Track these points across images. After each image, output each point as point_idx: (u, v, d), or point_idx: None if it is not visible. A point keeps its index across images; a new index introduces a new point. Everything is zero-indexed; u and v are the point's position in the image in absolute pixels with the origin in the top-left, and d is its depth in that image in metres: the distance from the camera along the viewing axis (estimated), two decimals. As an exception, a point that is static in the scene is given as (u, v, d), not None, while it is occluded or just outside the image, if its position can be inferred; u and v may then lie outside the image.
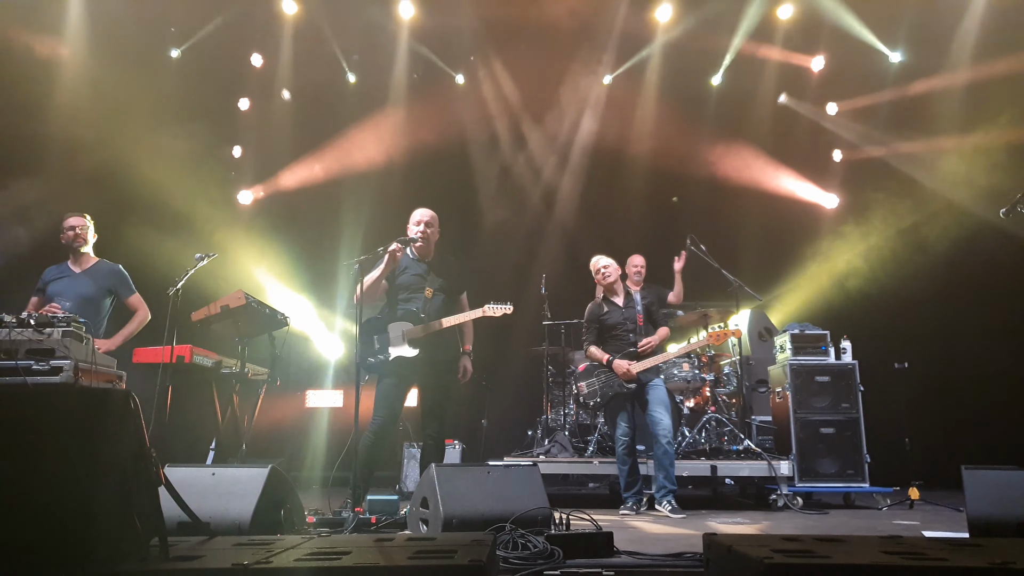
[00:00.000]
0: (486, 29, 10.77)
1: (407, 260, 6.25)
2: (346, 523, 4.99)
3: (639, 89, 11.41)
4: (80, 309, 6.35)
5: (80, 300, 6.49)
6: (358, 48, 11.22)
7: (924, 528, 5.79)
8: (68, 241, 6.68)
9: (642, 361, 7.05)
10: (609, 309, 7.30)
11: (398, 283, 6.19)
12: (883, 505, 7.53)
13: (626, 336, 7.20)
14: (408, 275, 6.19)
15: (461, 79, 11.62)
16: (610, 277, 7.29)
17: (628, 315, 7.27)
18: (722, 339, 7.33)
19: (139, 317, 6.72)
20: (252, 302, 6.69)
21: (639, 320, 7.25)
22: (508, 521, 4.04)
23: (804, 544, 2.97)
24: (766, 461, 7.59)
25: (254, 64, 11.13)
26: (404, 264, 6.22)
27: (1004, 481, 4.34)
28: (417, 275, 6.19)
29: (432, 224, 6.27)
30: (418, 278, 6.18)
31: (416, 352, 5.95)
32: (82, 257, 6.73)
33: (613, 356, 7.12)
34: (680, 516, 6.51)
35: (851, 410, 7.74)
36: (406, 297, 6.14)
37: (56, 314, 5.69)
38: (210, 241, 10.26)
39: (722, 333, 7.31)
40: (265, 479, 4.27)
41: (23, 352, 4.80)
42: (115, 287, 6.75)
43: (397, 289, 6.18)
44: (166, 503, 3.07)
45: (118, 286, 6.77)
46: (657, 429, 6.90)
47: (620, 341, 7.20)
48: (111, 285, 6.74)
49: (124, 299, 6.77)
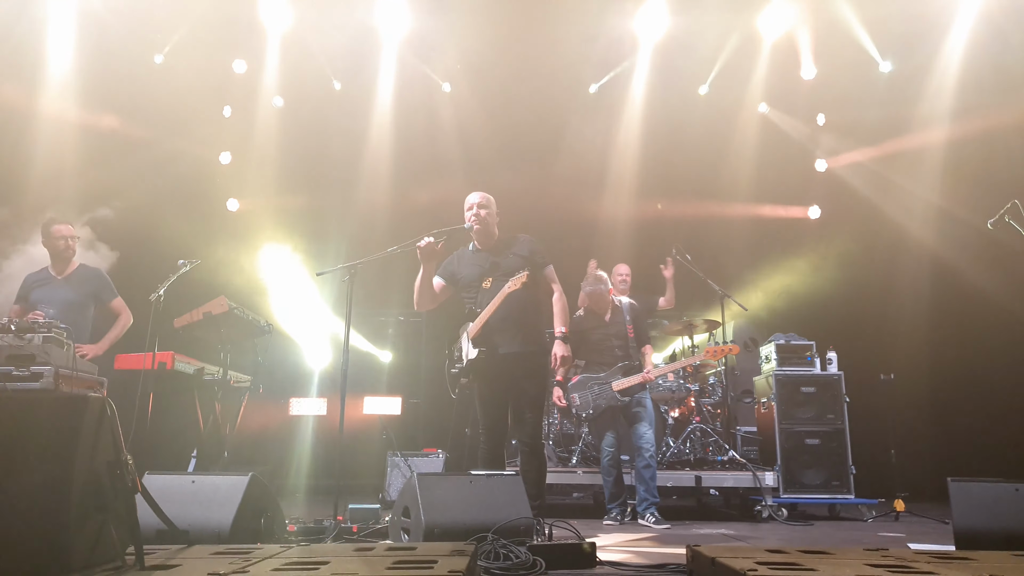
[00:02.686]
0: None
1: (466, 254, 5.75)
2: (327, 532, 4.94)
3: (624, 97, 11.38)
4: (64, 315, 6.32)
5: (64, 306, 6.45)
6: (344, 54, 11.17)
7: (910, 540, 5.77)
8: (58, 250, 6.63)
9: (629, 377, 7.03)
10: (593, 322, 7.27)
11: (460, 281, 5.72)
12: (868, 517, 7.52)
13: (611, 350, 7.18)
14: (468, 269, 5.68)
15: (448, 88, 11.58)
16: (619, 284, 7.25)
17: (614, 329, 7.24)
18: (719, 355, 7.30)
19: (122, 321, 6.69)
20: (235, 309, 6.65)
21: (629, 332, 7.24)
22: (490, 531, 4.00)
23: (789, 556, 2.95)
24: (751, 472, 7.58)
25: (237, 71, 11.05)
26: (463, 258, 5.74)
27: (990, 494, 4.34)
28: (476, 266, 5.64)
29: (486, 206, 5.61)
30: (477, 269, 5.62)
31: (478, 352, 5.38)
32: (64, 263, 6.68)
33: (596, 370, 7.15)
34: (664, 527, 6.49)
35: (836, 421, 7.73)
36: (470, 295, 5.64)
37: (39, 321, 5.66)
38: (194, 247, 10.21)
39: (719, 349, 7.27)
40: (245, 487, 4.23)
41: (3, 358, 4.75)
42: (97, 291, 6.72)
43: (461, 288, 5.71)
44: (146, 511, 3.03)
45: (100, 290, 6.73)
46: (641, 442, 6.91)
47: (606, 355, 7.18)
48: (94, 289, 6.71)
49: (107, 303, 6.74)
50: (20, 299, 6.61)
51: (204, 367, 6.91)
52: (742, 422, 9.42)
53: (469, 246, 5.74)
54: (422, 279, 5.56)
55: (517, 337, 5.44)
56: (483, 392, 5.54)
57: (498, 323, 5.40)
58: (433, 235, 5.40)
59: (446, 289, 5.77)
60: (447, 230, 5.48)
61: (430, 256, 5.46)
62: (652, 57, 10.94)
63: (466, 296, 5.68)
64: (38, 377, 4.65)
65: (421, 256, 5.44)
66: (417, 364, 10.93)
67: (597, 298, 7.22)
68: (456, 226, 5.54)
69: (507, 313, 5.39)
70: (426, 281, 5.58)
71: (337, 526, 5.01)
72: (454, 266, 5.78)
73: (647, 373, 7.05)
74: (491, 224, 5.64)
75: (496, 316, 5.38)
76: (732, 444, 8.45)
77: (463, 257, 5.76)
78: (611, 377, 7.09)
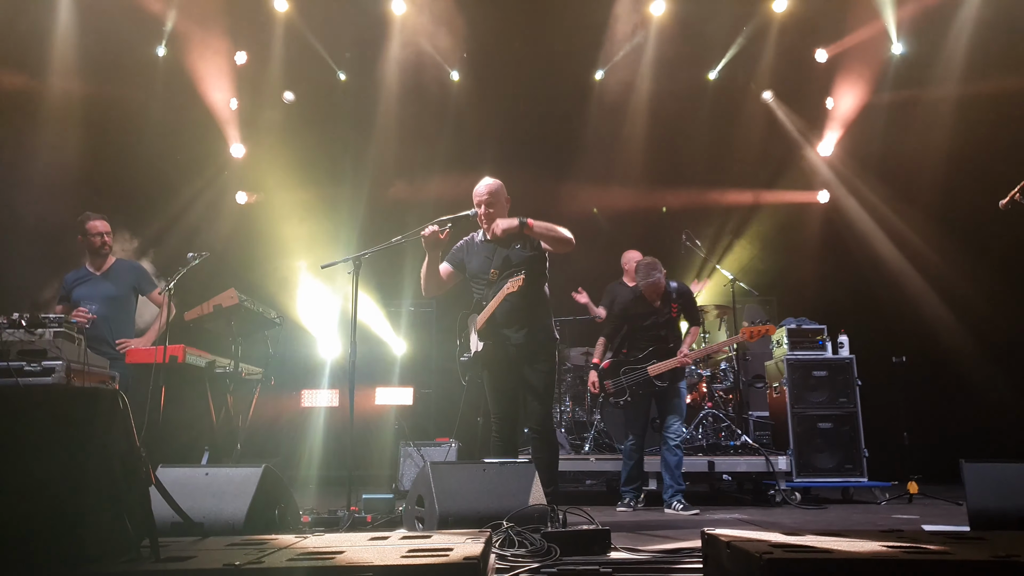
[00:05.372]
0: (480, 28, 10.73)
1: (475, 242, 5.64)
2: (341, 522, 4.95)
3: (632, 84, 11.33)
4: (109, 310, 6.42)
5: (107, 301, 6.50)
6: (348, 46, 11.15)
7: (924, 522, 5.77)
8: (95, 247, 6.64)
9: (665, 361, 6.90)
10: (643, 307, 7.09)
11: (469, 272, 5.63)
12: (882, 500, 7.51)
13: (659, 338, 7.06)
14: (476, 259, 5.58)
15: (456, 76, 11.55)
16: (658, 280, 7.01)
17: (664, 319, 7.08)
18: (756, 336, 7.18)
19: (165, 312, 6.64)
20: (245, 301, 6.65)
21: (673, 310, 7.07)
22: (504, 518, 4.00)
23: (803, 539, 2.94)
24: (764, 456, 7.57)
25: (238, 62, 11.03)
26: (472, 247, 5.64)
27: (1005, 475, 4.31)
28: (484, 257, 5.53)
29: (492, 203, 5.45)
30: (485, 260, 5.52)
31: (484, 345, 5.37)
32: (101, 259, 6.70)
33: (632, 354, 7.06)
34: (692, 513, 6.48)
35: (849, 404, 7.71)
36: (478, 286, 5.56)
37: (86, 318, 5.70)
38: (204, 240, 10.25)
39: (756, 330, 7.11)
40: (259, 479, 4.23)
41: (15, 353, 4.77)
42: (138, 283, 6.76)
43: (470, 277, 5.62)
44: (160, 504, 3.04)
45: (141, 281, 6.78)
46: (668, 432, 6.86)
47: (649, 339, 7.07)
48: (134, 282, 6.74)
49: (147, 294, 6.78)
50: (62, 299, 6.64)
51: (216, 360, 6.91)
52: (754, 407, 9.40)
53: (479, 233, 5.63)
54: (428, 267, 5.47)
55: (524, 329, 5.36)
56: (492, 383, 5.49)
57: (503, 316, 5.34)
58: (437, 223, 5.30)
59: (454, 275, 5.68)
60: (450, 217, 5.36)
61: (434, 244, 5.36)
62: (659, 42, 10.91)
63: (475, 286, 5.61)
64: (50, 372, 4.68)
65: (425, 244, 5.33)
66: (428, 354, 10.91)
67: (654, 287, 6.96)
68: (460, 213, 5.42)
69: (512, 306, 5.32)
70: (432, 268, 5.50)
71: (351, 516, 5.01)
72: (463, 254, 5.68)
73: (683, 356, 6.91)
74: (499, 214, 5.48)
75: (501, 310, 5.32)
76: (744, 429, 8.44)
77: (472, 246, 5.65)
78: (646, 361, 6.97)
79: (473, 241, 5.68)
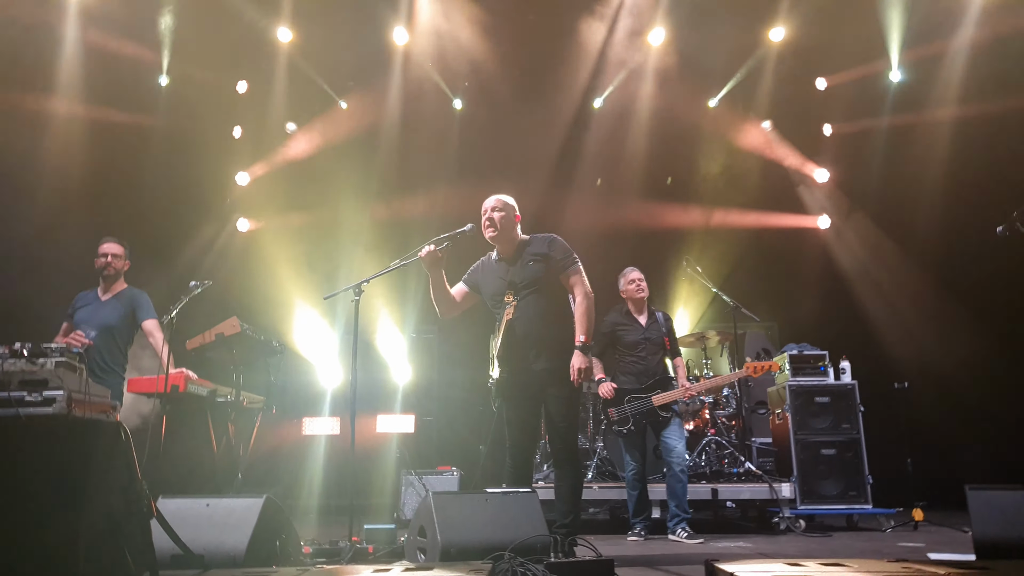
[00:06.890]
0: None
1: (489, 263, 5.43)
2: (343, 553, 4.92)
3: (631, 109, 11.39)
4: (102, 338, 6.35)
5: (103, 329, 6.43)
6: (351, 74, 11.23)
7: (929, 550, 5.72)
8: (99, 267, 6.61)
9: (669, 392, 6.90)
10: (630, 324, 7.15)
11: (484, 294, 5.40)
12: (887, 527, 7.46)
13: (646, 359, 7.05)
14: (490, 281, 5.35)
15: (459, 104, 11.61)
16: (642, 292, 7.09)
17: (651, 335, 7.10)
18: (760, 372, 7.18)
19: (158, 345, 6.51)
20: (247, 330, 6.63)
21: (666, 343, 7.10)
22: (507, 549, 3.97)
23: (808, 570, 2.92)
24: (767, 483, 7.53)
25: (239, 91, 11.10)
26: (486, 267, 5.44)
27: (1010, 502, 4.28)
28: (498, 278, 5.29)
29: (501, 209, 5.23)
30: (499, 282, 5.27)
31: (500, 372, 5.12)
32: (111, 284, 6.66)
33: (626, 380, 7.04)
34: (697, 541, 6.43)
35: (852, 431, 7.67)
36: (496, 309, 5.30)
37: (80, 342, 5.68)
38: (206, 269, 10.26)
39: (760, 365, 7.14)
40: (260, 509, 4.19)
41: (15, 383, 4.76)
42: (135, 311, 6.60)
43: (487, 300, 5.39)
44: (160, 535, 3.02)
45: (138, 308, 6.60)
46: (671, 457, 6.82)
47: (638, 364, 7.07)
48: (131, 310, 6.61)
49: (140, 320, 6.62)
50: (68, 316, 6.63)
51: (217, 388, 6.88)
52: (757, 433, 9.37)
53: (493, 253, 5.44)
54: (434, 287, 5.27)
55: (543, 353, 5.10)
56: (509, 412, 5.22)
57: (520, 340, 5.09)
58: (434, 242, 5.13)
59: (470, 297, 5.50)
60: (447, 236, 5.21)
61: (433, 263, 5.16)
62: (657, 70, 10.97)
63: (492, 307, 5.38)
64: (51, 402, 4.63)
65: (425, 265, 5.15)
66: (430, 381, 10.86)
67: (635, 290, 7.08)
68: (456, 231, 5.22)
69: (528, 329, 5.09)
70: (439, 288, 5.28)
71: (353, 547, 4.97)
72: (478, 275, 5.51)
73: (687, 390, 6.93)
74: (508, 229, 5.26)
75: (517, 334, 5.09)
76: (748, 456, 8.40)
77: (487, 266, 5.46)
78: (650, 391, 6.95)
79: (489, 261, 5.48)
